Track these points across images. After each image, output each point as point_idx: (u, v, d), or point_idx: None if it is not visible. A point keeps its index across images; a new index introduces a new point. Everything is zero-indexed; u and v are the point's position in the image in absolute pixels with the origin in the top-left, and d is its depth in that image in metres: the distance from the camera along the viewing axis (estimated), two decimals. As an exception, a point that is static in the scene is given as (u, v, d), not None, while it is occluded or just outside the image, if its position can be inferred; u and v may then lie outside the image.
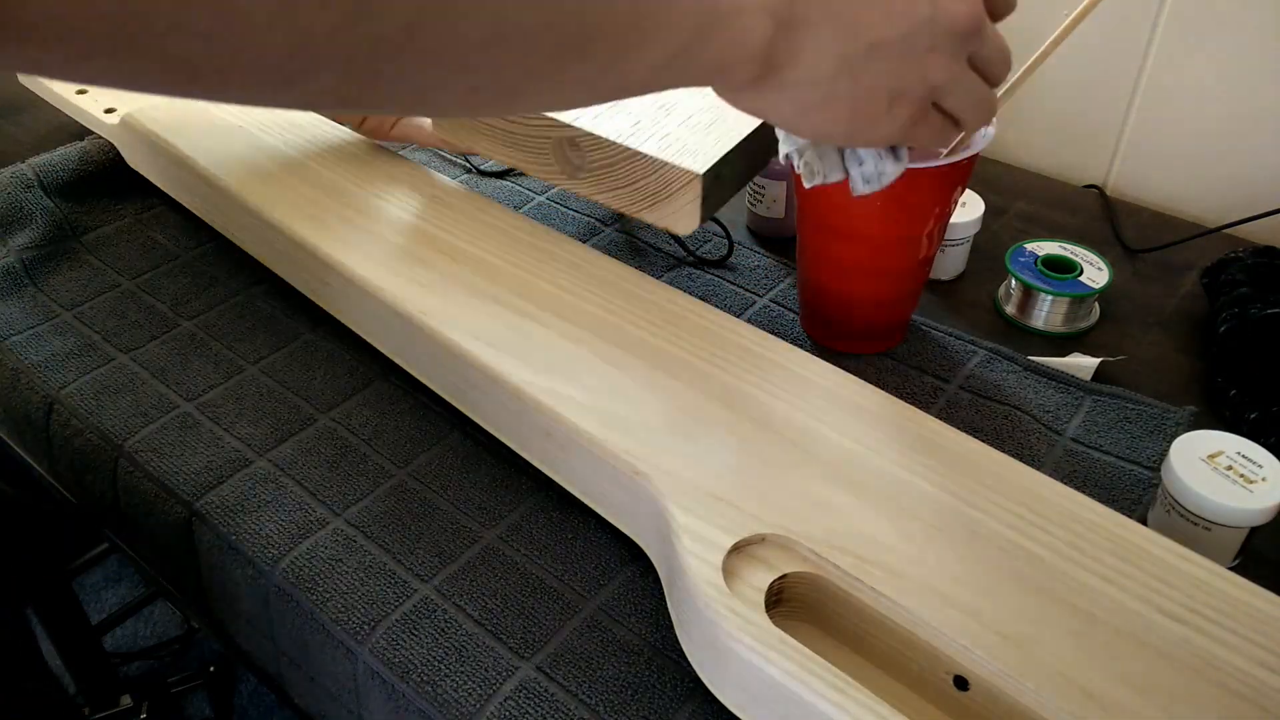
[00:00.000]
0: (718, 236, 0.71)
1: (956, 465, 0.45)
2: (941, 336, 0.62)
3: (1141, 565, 0.41)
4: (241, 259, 0.70)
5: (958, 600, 0.39)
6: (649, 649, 0.45)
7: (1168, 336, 0.63)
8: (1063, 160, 0.82)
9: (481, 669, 0.44)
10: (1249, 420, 0.55)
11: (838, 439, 0.47)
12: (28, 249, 0.70)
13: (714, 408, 0.48)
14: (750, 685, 0.38)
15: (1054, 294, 0.62)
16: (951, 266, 0.68)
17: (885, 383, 0.58)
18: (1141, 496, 0.51)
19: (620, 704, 0.43)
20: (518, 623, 0.46)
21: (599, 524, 0.50)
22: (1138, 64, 0.75)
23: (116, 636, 1.37)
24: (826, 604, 0.42)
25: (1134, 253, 0.71)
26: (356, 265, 0.57)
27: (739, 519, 0.42)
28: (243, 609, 0.52)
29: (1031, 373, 0.59)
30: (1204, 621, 0.39)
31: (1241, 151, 0.73)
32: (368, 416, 0.58)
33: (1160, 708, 0.36)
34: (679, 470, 0.45)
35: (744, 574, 0.41)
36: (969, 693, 0.39)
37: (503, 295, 0.55)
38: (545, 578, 0.48)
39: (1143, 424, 0.55)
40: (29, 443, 0.64)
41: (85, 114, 0.77)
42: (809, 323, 0.63)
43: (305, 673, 0.51)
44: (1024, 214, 0.76)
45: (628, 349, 0.52)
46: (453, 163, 0.80)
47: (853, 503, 0.44)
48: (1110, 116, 0.78)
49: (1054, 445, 0.55)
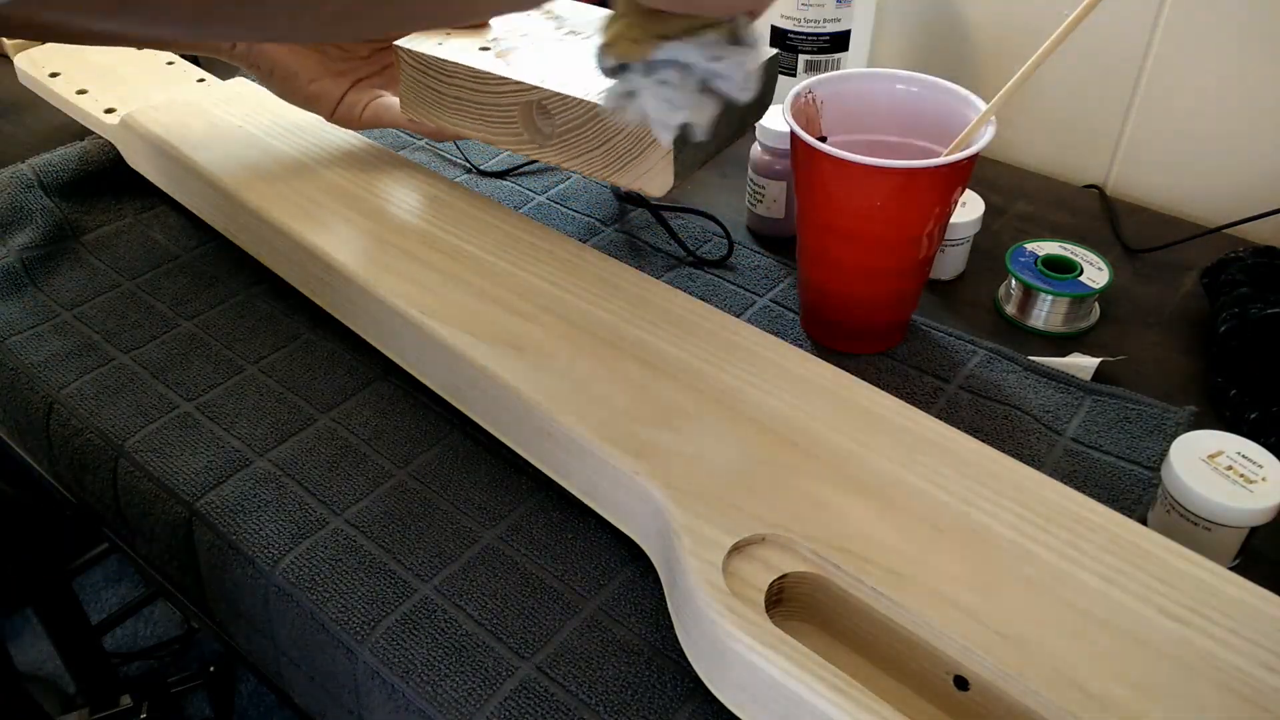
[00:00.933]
0: (718, 237, 0.71)
1: (957, 465, 0.45)
2: (941, 336, 0.62)
3: (1141, 565, 0.41)
4: (241, 259, 0.70)
5: (958, 600, 0.39)
6: (649, 649, 0.45)
7: (1168, 336, 0.63)
8: (1063, 160, 0.82)
9: (481, 669, 0.44)
10: (1249, 420, 0.55)
11: (838, 439, 0.47)
12: (28, 249, 0.70)
13: (714, 408, 0.48)
14: (750, 685, 0.38)
15: (1054, 294, 0.62)
16: (951, 266, 0.68)
17: (885, 383, 0.58)
18: (1141, 496, 0.51)
19: (620, 704, 0.43)
20: (518, 622, 0.46)
21: (599, 524, 0.50)
22: (1138, 64, 0.75)
23: (116, 636, 1.37)
24: (827, 604, 0.42)
25: (1134, 253, 0.71)
26: (356, 265, 0.57)
27: (739, 519, 0.42)
28: (243, 609, 0.52)
29: (1031, 373, 0.59)
30: (1204, 621, 0.39)
31: (1241, 151, 0.73)
32: (368, 416, 0.58)
33: (1160, 708, 0.36)
34: (679, 470, 0.45)
35: (744, 574, 0.41)
36: (969, 693, 0.39)
37: (503, 295, 0.55)
38: (545, 578, 0.48)
39: (1143, 424, 0.55)
40: (29, 443, 0.64)
41: (85, 114, 0.77)
42: (809, 323, 0.63)
43: (305, 673, 0.51)
44: (1024, 214, 0.76)
45: (627, 349, 0.52)
46: (453, 162, 0.80)
47: (853, 503, 0.44)
48: (1110, 116, 0.78)
49: (1054, 445, 0.55)
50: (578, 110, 0.54)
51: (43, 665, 1.33)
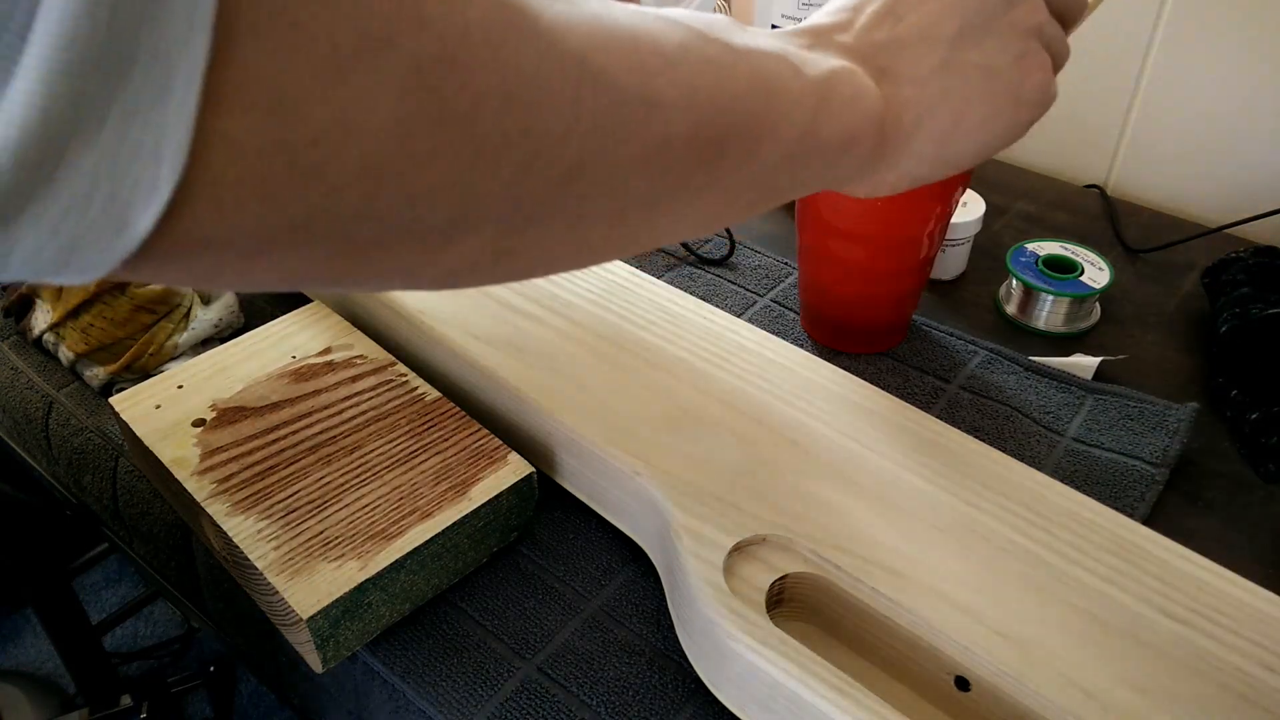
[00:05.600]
0: (718, 236, 0.71)
1: (957, 465, 0.45)
2: (942, 337, 0.62)
3: (1142, 565, 0.41)
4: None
5: (959, 601, 0.39)
6: (649, 649, 0.45)
7: (1169, 337, 0.63)
8: (1063, 160, 0.82)
9: (482, 669, 0.44)
10: (1250, 421, 0.55)
11: (838, 439, 0.47)
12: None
13: (714, 408, 0.48)
14: (750, 685, 0.38)
15: (1055, 294, 0.62)
16: (952, 266, 0.68)
17: (886, 383, 0.58)
18: (1145, 493, 0.51)
19: (620, 704, 0.43)
20: (518, 623, 0.46)
21: (599, 524, 0.50)
22: (1138, 64, 0.75)
23: (116, 636, 1.37)
24: (827, 604, 0.42)
25: (1135, 253, 0.71)
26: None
27: (739, 519, 0.42)
28: (242, 609, 0.52)
29: (1032, 373, 0.59)
30: (1204, 621, 0.39)
31: (1242, 151, 0.73)
32: (368, 416, 0.57)
33: (1160, 708, 0.36)
34: (679, 470, 0.45)
35: (745, 574, 0.41)
36: (970, 693, 0.39)
37: (502, 295, 0.55)
38: (546, 578, 0.48)
39: (1145, 421, 0.55)
40: (29, 443, 0.64)
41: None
42: (810, 323, 0.63)
43: (305, 673, 0.50)
44: (1025, 214, 0.76)
45: (628, 348, 0.52)
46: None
47: (853, 503, 0.44)
48: (1111, 116, 0.78)
49: (1055, 445, 0.55)
50: None
51: (43, 665, 1.33)
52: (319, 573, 0.42)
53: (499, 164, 0.23)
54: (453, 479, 0.47)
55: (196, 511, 0.47)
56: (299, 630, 0.42)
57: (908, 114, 0.36)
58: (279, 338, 0.55)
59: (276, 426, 0.49)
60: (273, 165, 0.19)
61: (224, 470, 0.47)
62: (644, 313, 0.54)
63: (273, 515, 0.45)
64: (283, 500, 0.46)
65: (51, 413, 0.60)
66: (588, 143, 0.25)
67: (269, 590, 0.43)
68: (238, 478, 0.47)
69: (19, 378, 0.62)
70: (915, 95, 0.36)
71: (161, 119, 0.17)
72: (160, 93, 0.16)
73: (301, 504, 0.45)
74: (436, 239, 0.24)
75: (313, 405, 0.51)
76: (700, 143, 0.28)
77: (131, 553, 0.62)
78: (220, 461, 0.48)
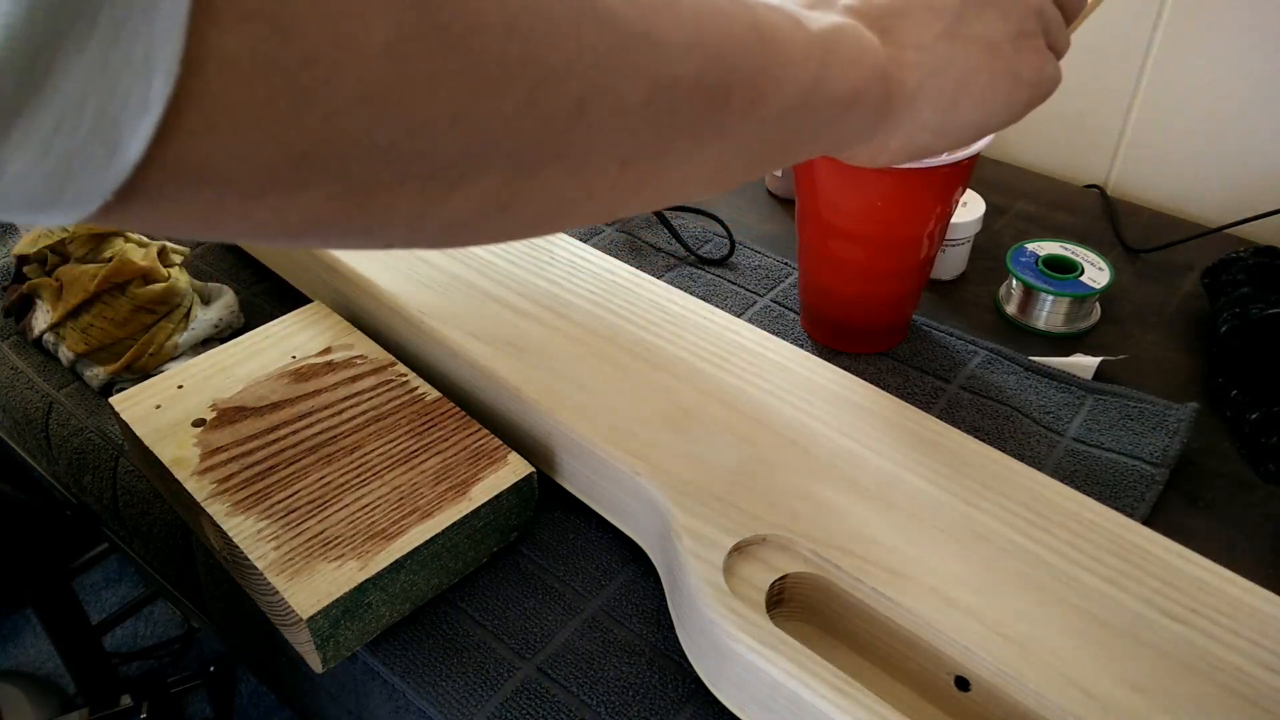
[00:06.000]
0: (719, 236, 0.71)
1: (957, 465, 0.45)
2: (942, 337, 0.62)
3: (1142, 565, 0.41)
4: (242, 259, 0.70)
5: (959, 600, 0.39)
6: (649, 649, 0.45)
7: (1169, 337, 0.63)
8: (1063, 160, 0.82)
9: (482, 669, 0.44)
10: (1250, 421, 0.55)
11: (838, 439, 0.47)
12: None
13: (714, 408, 0.48)
14: (750, 685, 0.38)
15: (1055, 294, 0.62)
16: (952, 266, 0.68)
17: (886, 383, 0.58)
18: (1145, 493, 0.51)
19: (620, 704, 0.43)
20: (518, 623, 0.46)
21: (599, 524, 0.50)
22: (1138, 64, 0.75)
23: (116, 636, 1.37)
24: (827, 604, 0.42)
25: (1135, 253, 0.71)
26: (356, 264, 0.57)
27: (739, 519, 0.42)
28: (242, 609, 0.52)
29: (1032, 373, 0.59)
30: (1204, 621, 0.39)
31: (1241, 151, 0.73)
32: (368, 416, 0.57)
33: (1160, 708, 0.36)
34: (679, 470, 0.45)
35: (745, 574, 0.41)
36: (970, 693, 0.39)
37: (502, 295, 0.55)
38: (546, 578, 0.48)
39: (1145, 420, 0.55)
40: (29, 443, 0.64)
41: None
42: (810, 323, 0.63)
43: (305, 673, 0.50)
44: (1025, 214, 0.76)
45: (628, 348, 0.52)
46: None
47: (853, 503, 0.44)
48: (1110, 116, 0.78)
49: (1055, 445, 0.55)
50: None
51: (43, 665, 1.33)
52: (319, 573, 0.42)
53: (501, 96, 0.22)
54: (453, 479, 0.47)
55: (196, 511, 0.47)
56: (299, 630, 0.42)
57: (911, 77, 0.36)
58: (279, 338, 0.55)
59: (276, 426, 0.49)
60: (268, 84, 0.18)
61: (224, 470, 0.47)
62: (644, 313, 0.54)
63: (273, 515, 0.45)
64: (283, 500, 0.46)
65: (51, 413, 0.60)
66: (591, 78, 0.24)
67: (269, 590, 0.43)
68: (238, 478, 0.47)
69: (19, 378, 0.62)
70: (918, 59, 0.36)
71: (151, 29, 0.16)
72: (150, 1, 0.16)
73: (301, 504, 0.45)
74: (440, 183, 0.23)
75: (313, 405, 0.51)
76: (704, 88, 0.28)
77: (131, 553, 0.62)
78: (220, 461, 0.48)
